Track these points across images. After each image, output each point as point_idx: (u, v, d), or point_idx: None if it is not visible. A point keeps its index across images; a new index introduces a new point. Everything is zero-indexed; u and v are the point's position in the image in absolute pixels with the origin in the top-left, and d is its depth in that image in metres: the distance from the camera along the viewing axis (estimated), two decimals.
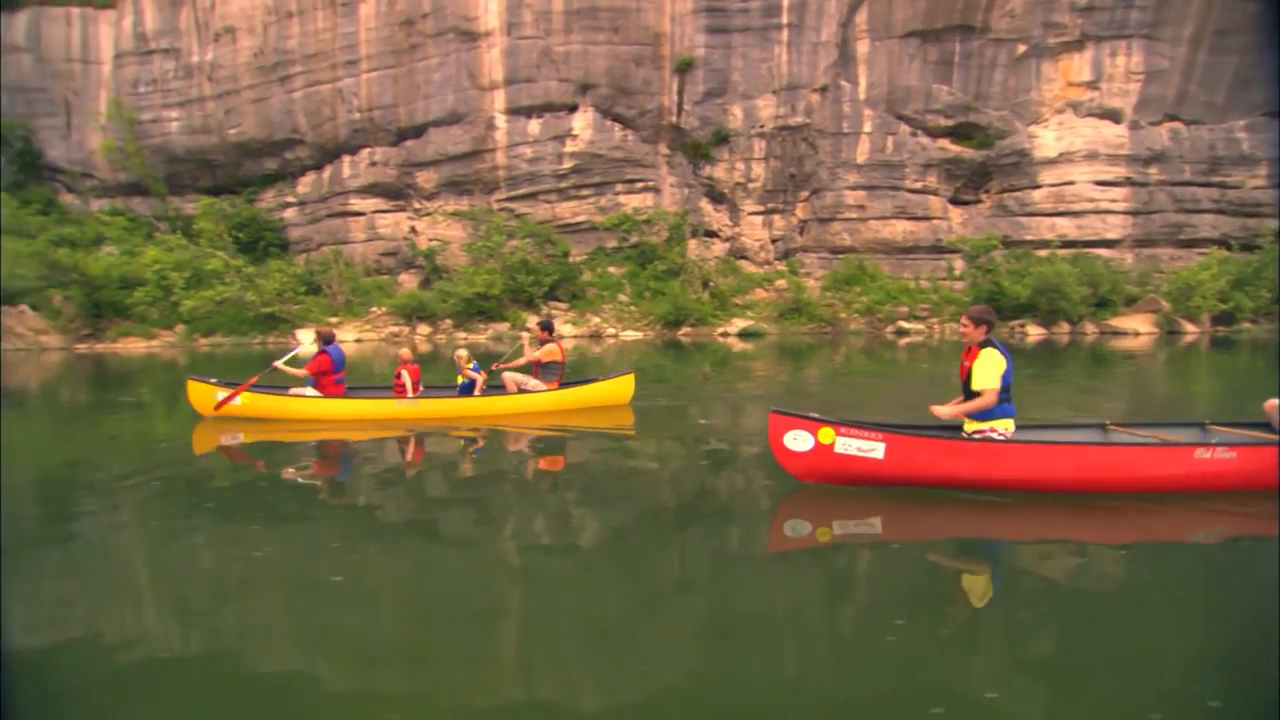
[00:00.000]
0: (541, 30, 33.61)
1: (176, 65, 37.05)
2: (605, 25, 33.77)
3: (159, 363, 26.30)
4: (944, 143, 35.35)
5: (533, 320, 31.38)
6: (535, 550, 4.56)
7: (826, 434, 4.83)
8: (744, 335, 30.78)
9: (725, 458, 6.38)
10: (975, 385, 4.83)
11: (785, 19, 33.69)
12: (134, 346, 29.74)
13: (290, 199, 37.04)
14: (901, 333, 31.78)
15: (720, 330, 31.36)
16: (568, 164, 34.18)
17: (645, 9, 33.74)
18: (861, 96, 34.71)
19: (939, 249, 35.26)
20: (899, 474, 4.87)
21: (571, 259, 33.27)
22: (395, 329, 30.56)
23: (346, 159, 35.58)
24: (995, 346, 4.85)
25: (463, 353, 9.22)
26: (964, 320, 5.02)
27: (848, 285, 33.74)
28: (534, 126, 33.97)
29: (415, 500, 5.99)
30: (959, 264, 34.92)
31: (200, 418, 8.97)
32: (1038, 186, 34.67)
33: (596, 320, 31.22)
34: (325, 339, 8.92)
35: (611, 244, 34.99)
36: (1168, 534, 4.61)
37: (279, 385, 8.98)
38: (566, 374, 9.60)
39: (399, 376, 8.84)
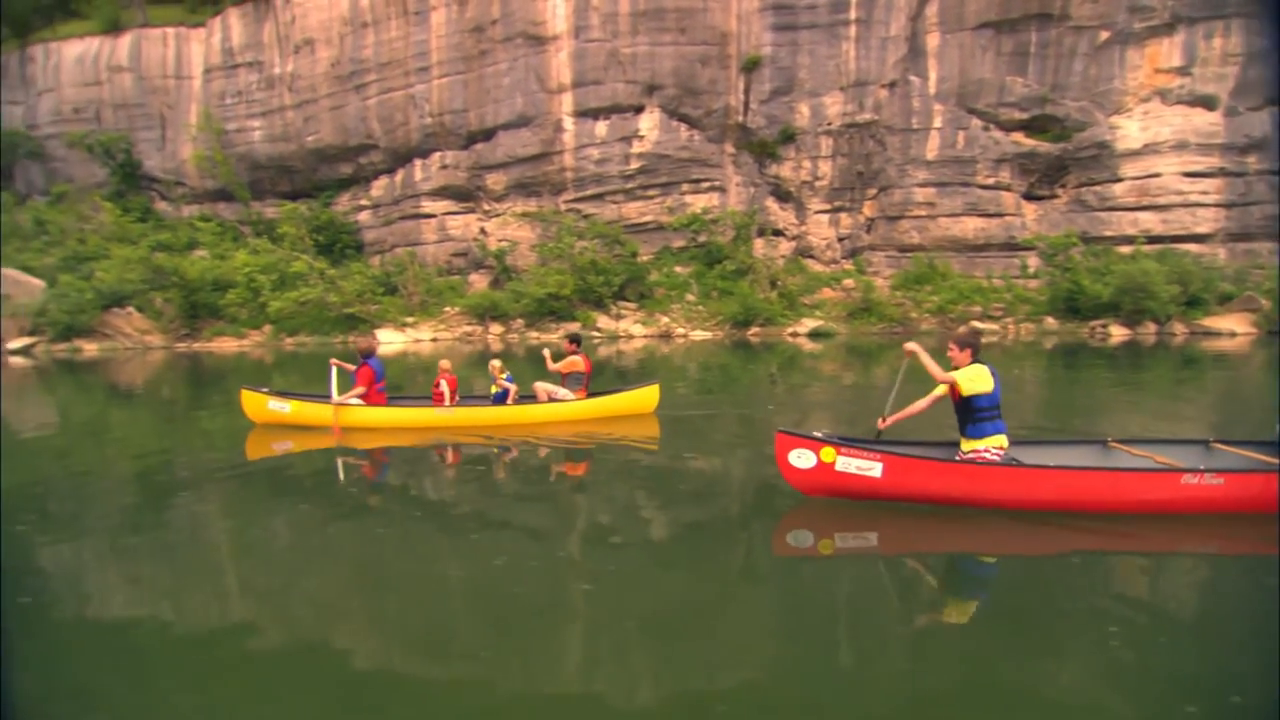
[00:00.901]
0: (608, 33, 33.99)
1: (259, 77, 38.87)
2: (671, 26, 33.94)
3: (248, 361, 27.78)
4: (1018, 136, 34.29)
5: (603, 319, 31.92)
6: (551, 549, 5.01)
7: (828, 453, 5.13)
8: (814, 335, 30.58)
9: (738, 469, 6.48)
10: (964, 391, 5.06)
11: (853, 14, 33.24)
12: (227, 345, 31.42)
13: (364, 202, 38.43)
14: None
15: (789, 330, 31.23)
16: (634, 165, 34.51)
17: (712, 9, 33.76)
18: (931, 91, 33.98)
19: (1012, 246, 34.29)
20: (895, 491, 5.11)
21: (638, 259, 33.58)
22: (469, 328, 31.47)
23: (418, 162, 36.72)
24: (987, 364, 5.16)
25: (496, 363, 9.57)
26: (950, 344, 5.27)
27: (918, 284, 33.13)
28: (601, 128, 34.40)
29: (451, 499, 6.54)
30: (1033, 261, 33.88)
31: (253, 424, 9.44)
32: (1119, 180, 33.31)
33: (665, 320, 31.47)
34: (366, 352, 9.15)
35: (678, 244, 35.18)
36: (1150, 550, 4.69)
37: (323, 394, 9.23)
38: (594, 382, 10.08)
39: (438, 386, 9.21)
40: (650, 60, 34.15)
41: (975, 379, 5.04)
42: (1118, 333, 29.91)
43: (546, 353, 10.00)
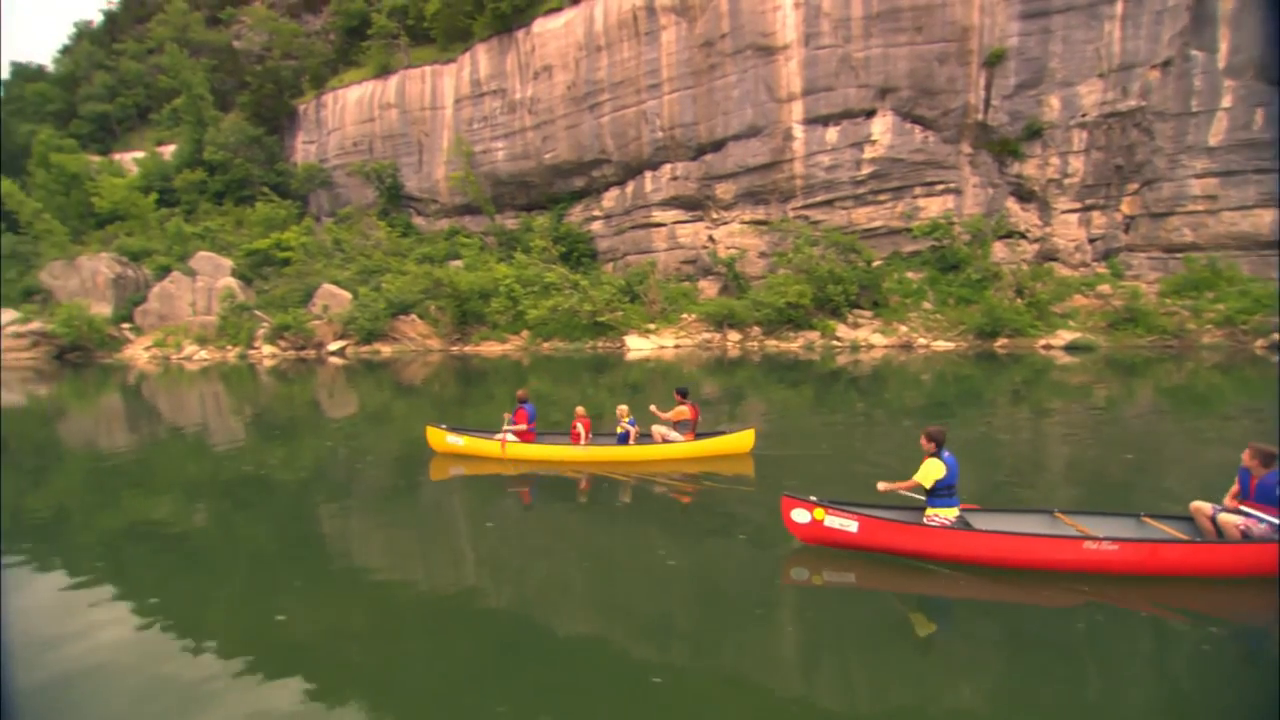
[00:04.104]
0: (840, 38, 33.85)
1: (503, 103, 43.14)
2: (907, 25, 33.10)
3: (507, 363, 31.28)
4: None
5: (842, 328, 32.13)
6: (635, 556, 7.19)
7: (819, 513, 6.55)
8: (1072, 349, 28.58)
9: (774, 513, 7.18)
10: (925, 485, 6.46)
11: None
12: (492, 349, 35.59)
13: (596, 212, 41.47)
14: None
15: (1042, 342, 29.49)
16: (866, 169, 34.23)
17: (951, 3, 32.45)
18: (1220, 65, 30.22)
19: None
20: (868, 544, 6.49)
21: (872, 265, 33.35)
22: (707, 335, 33.07)
23: (648, 174, 38.96)
24: (941, 458, 6.40)
25: (623, 408, 11.06)
26: (922, 437, 6.54)
27: (1195, 290, 29.82)
28: (832, 134, 34.45)
29: (579, 515, 8.83)
30: None
31: (434, 454, 11.52)
32: None
33: (904, 330, 31.06)
34: (521, 399, 11.18)
35: (908, 249, 34.47)
36: (1059, 602, 5.72)
37: (490, 430, 11.42)
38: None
39: (575, 427, 10.91)
40: (884, 62, 33.59)
41: (931, 473, 6.39)
42: None
43: (653, 408, 11.36)
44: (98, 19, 67.75)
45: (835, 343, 31.16)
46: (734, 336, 32.72)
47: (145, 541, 8.24)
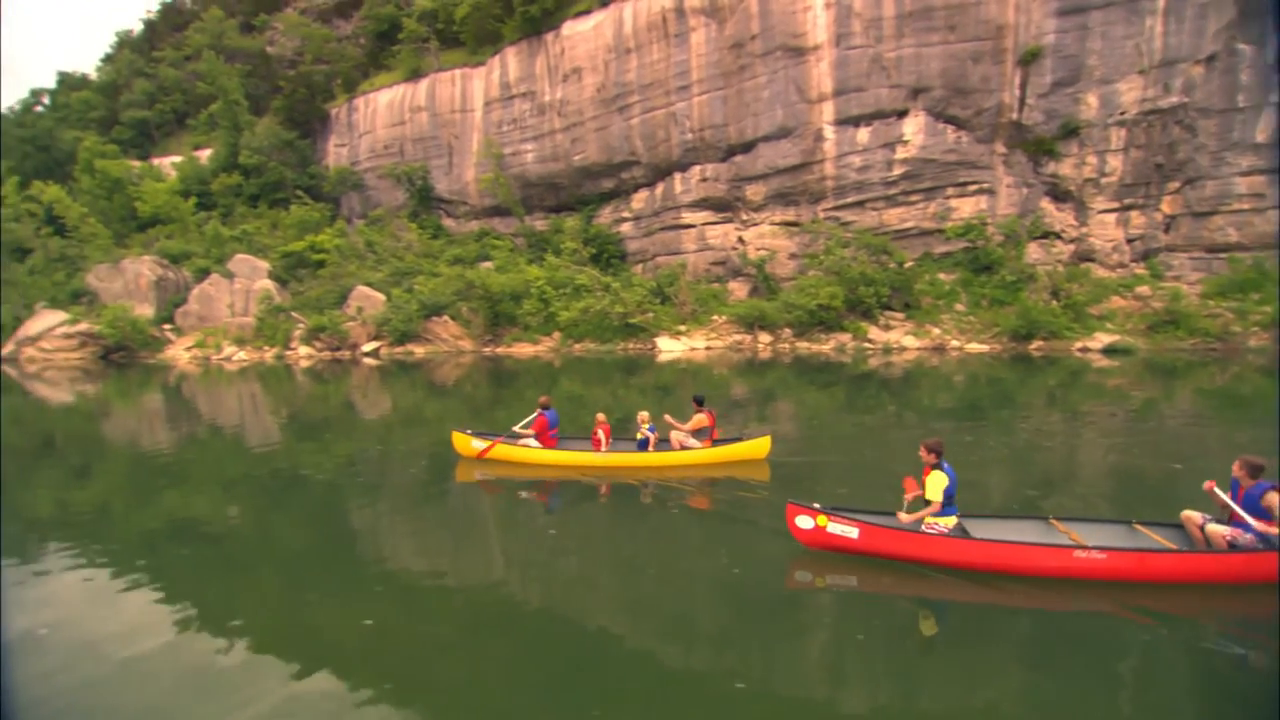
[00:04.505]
0: (872, 38, 33.65)
1: (532, 105, 43.52)
2: (941, 25, 32.81)
3: (539, 364, 31.56)
4: None
5: (874, 330, 32.03)
6: (649, 559, 7.51)
7: (822, 519, 6.78)
8: (1110, 352, 28.16)
9: (783, 518, 7.32)
10: (926, 496, 6.67)
11: None
12: (523, 350, 35.98)
13: (625, 214, 41.68)
14: None
15: (1078, 345, 29.08)
16: (898, 170, 34.00)
17: (985, 1, 32.11)
18: (1269, 60, 29.50)
19: None
20: (868, 549, 6.72)
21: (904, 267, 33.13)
22: (738, 337, 33.13)
23: (678, 176, 39.07)
24: (942, 469, 6.59)
25: (644, 414, 11.20)
26: (922, 449, 6.72)
27: (1240, 291, 29.20)
28: (863, 135, 34.28)
29: (599, 518, 9.16)
30: None
31: (460, 458, 11.81)
32: None
33: (937, 332, 30.84)
34: (543, 406, 11.42)
35: (940, 249, 34.18)
36: (1048, 606, 5.98)
37: (513, 436, 11.77)
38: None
39: (595, 433, 11.16)
40: (916, 62, 33.33)
41: (938, 486, 6.61)
42: None
43: (667, 417, 11.54)
44: (138, 28, 69.23)
45: (867, 345, 31.03)
46: (765, 338, 32.74)
47: (182, 537, 8.66)
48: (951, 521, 6.72)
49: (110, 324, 39.53)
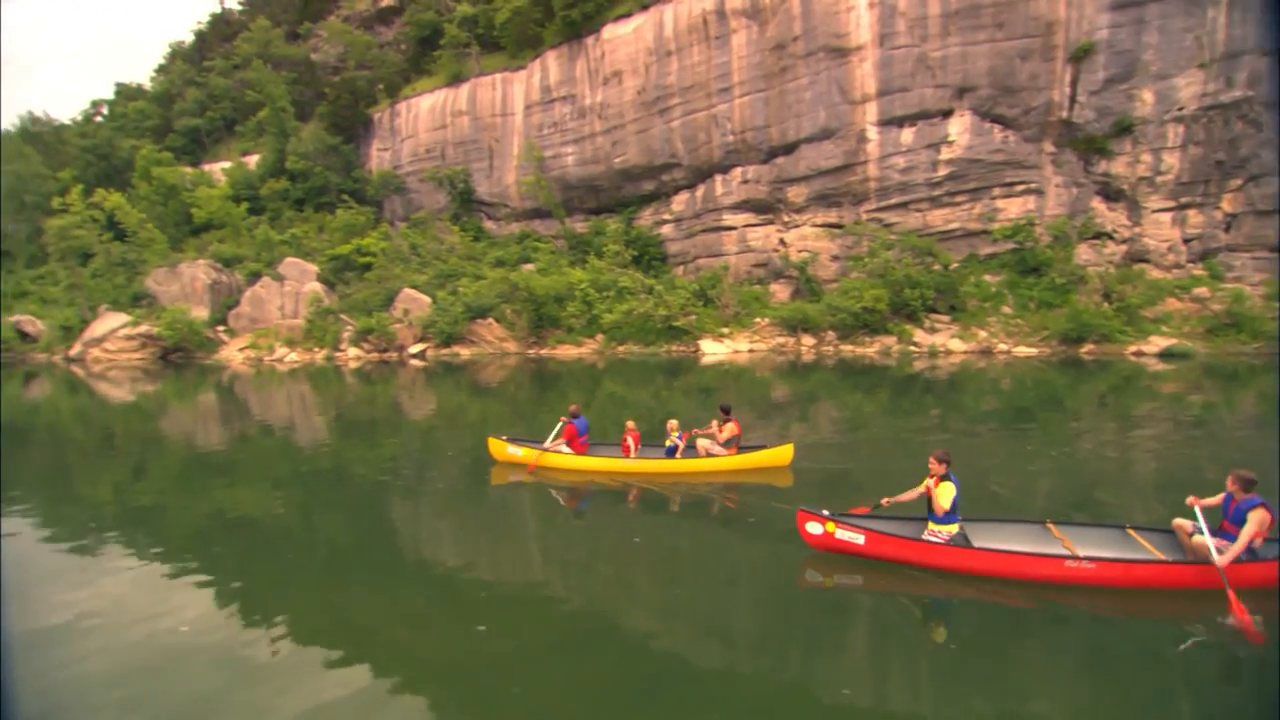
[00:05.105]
0: (916, 37, 33.27)
1: (572, 108, 43.93)
2: (988, 22, 32.30)
3: (582, 366, 31.90)
4: None
5: (919, 333, 31.75)
6: (672, 560, 7.99)
7: (830, 525, 7.21)
8: (1167, 356, 27.49)
9: (793, 522, 7.76)
10: (937, 505, 7.06)
11: None
12: (567, 352, 36.43)
13: (666, 216, 41.88)
14: None
15: (1133, 349, 28.45)
16: (942, 171, 33.60)
17: None
18: None
19: None
20: (873, 553, 7.12)
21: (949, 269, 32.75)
22: (781, 340, 33.12)
23: (719, 178, 39.13)
24: (951, 480, 7.02)
25: (673, 422, 11.66)
26: (932, 460, 7.10)
27: None
28: (907, 135, 33.94)
29: (626, 522, 9.43)
30: None
31: (495, 462, 12.25)
32: None
33: (984, 335, 30.44)
34: (572, 414, 11.83)
35: (985, 250, 33.70)
36: (1044, 608, 6.27)
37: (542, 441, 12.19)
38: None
39: (625, 440, 11.56)
40: (962, 61, 32.87)
41: (944, 496, 7.01)
42: None
43: (695, 432, 11.78)
44: (189, 39, 71.53)
45: (912, 348, 30.77)
46: (808, 341, 32.66)
47: (230, 531, 9.29)
48: (954, 529, 7.07)
49: (169, 326, 41.09)
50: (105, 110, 68.77)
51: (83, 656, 5.61)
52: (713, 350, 32.20)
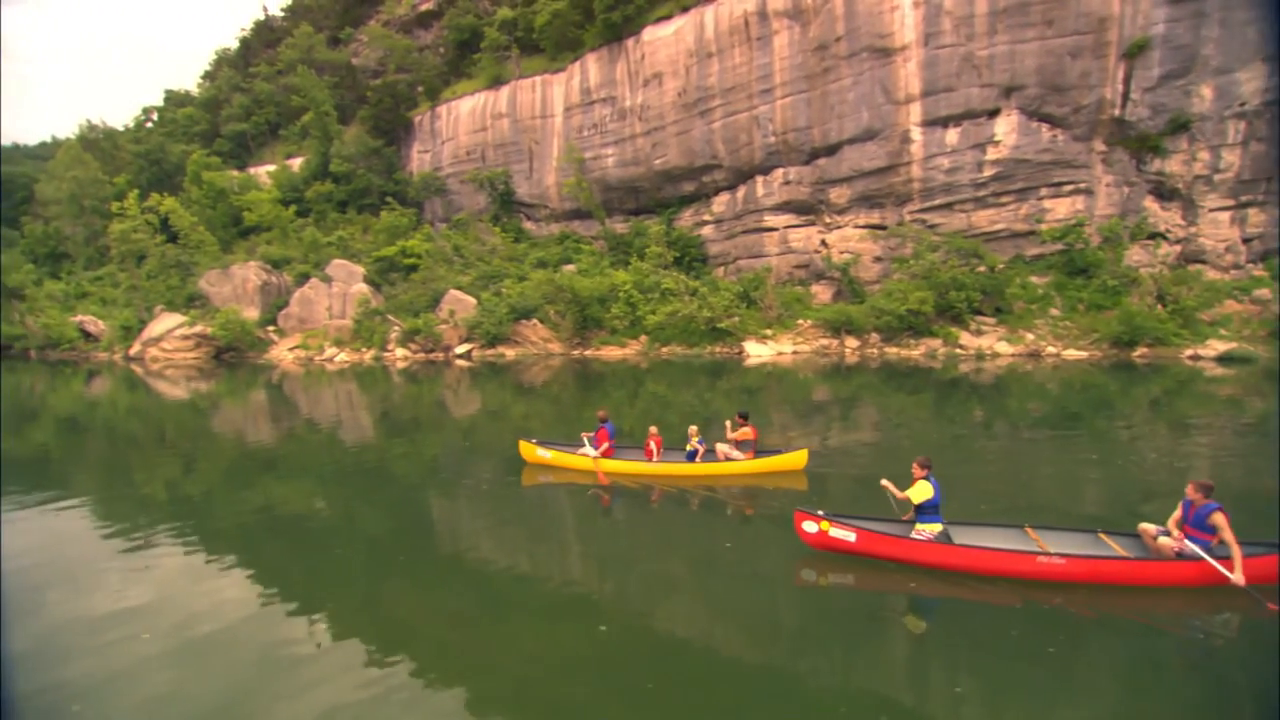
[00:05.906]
0: (962, 37, 32.95)
1: (612, 110, 44.28)
2: (1037, 20, 31.86)
3: (626, 367, 32.22)
4: None
5: (965, 335, 31.56)
6: (684, 557, 8.54)
7: (825, 524, 7.68)
8: (1226, 360, 26.95)
9: (791, 523, 8.24)
10: (914, 502, 7.63)
11: None
12: (611, 353, 36.88)
13: (706, 217, 42.07)
14: None
15: (1189, 352, 27.95)
16: (988, 171, 33.28)
17: None
18: None
19: None
20: (865, 551, 7.61)
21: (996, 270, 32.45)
22: (824, 341, 33.18)
23: (759, 179, 39.19)
24: (929, 481, 7.54)
25: (694, 428, 12.13)
26: (915, 466, 7.62)
27: None
28: (952, 136, 33.67)
29: (647, 522, 10.11)
30: None
31: (525, 463, 12.76)
32: None
33: (1031, 337, 30.16)
34: (602, 419, 12.29)
35: (1032, 251, 33.31)
36: (1022, 604, 6.66)
37: (575, 444, 12.69)
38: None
39: (648, 444, 12.08)
40: (1009, 60, 32.48)
41: (921, 493, 7.55)
42: None
43: (720, 448, 12.11)
44: (235, 46, 73.35)
45: (959, 350, 30.61)
46: (851, 343, 32.66)
47: (274, 524, 9.86)
48: (937, 528, 7.62)
49: (222, 326, 42.48)
50: (155, 117, 70.98)
51: (122, 644, 6.00)
52: (757, 352, 32.36)
